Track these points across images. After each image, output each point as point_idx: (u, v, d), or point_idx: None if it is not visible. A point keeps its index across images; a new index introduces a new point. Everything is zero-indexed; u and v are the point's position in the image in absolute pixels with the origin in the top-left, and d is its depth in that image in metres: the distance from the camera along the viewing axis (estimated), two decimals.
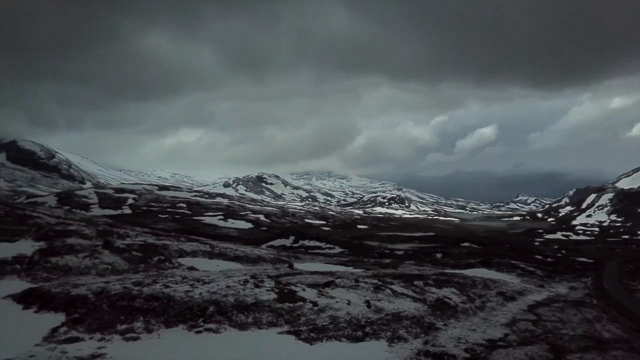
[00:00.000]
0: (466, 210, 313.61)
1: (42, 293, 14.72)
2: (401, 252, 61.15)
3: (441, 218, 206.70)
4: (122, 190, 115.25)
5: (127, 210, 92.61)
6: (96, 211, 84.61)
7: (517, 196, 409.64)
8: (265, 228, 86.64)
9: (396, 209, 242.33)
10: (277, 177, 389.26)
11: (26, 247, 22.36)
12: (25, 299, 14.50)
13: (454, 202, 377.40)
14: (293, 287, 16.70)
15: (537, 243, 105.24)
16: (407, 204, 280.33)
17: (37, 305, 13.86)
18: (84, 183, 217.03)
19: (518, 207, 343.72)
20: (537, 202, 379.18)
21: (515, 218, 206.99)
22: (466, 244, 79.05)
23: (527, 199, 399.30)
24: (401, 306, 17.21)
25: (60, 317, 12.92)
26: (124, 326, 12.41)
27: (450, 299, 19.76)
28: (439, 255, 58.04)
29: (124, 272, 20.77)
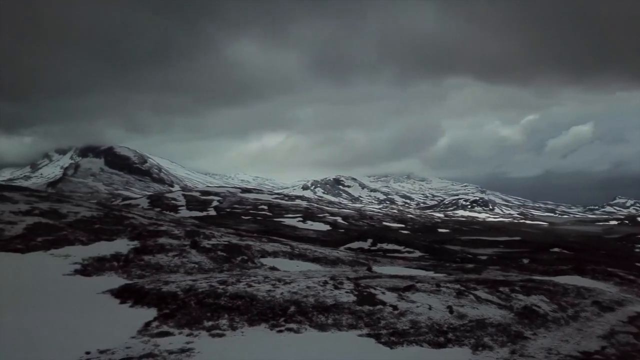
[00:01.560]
0: (555, 213, 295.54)
1: (136, 289, 15.73)
2: (485, 257, 58.73)
3: (528, 222, 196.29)
4: (208, 193, 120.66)
5: (212, 212, 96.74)
6: (184, 213, 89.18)
7: (614, 199, 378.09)
8: (342, 230, 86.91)
9: (479, 212, 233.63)
10: (354, 179, 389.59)
11: (122, 245, 24.06)
12: (121, 294, 15.59)
13: (542, 205, 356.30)
14: (372, 290, 16.56)
15: (637, 250, 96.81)
16: (490, 207, 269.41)
17: (132, 300, 14.85)
18: (173, 186, 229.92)
19: (615, 211, 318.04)
20: (638, 205, 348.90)
21: (612, 222, 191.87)
22: (556, 249, 74.27)
23: (626, 201, 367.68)
24: (485, 313, 16.50)
25: (153, 312, 13.73)
26: (210, 323, 12.94)
27: (539, 307, 18.64)
28: (525, 261, 55.05)
29: (210, 271, 21.69)
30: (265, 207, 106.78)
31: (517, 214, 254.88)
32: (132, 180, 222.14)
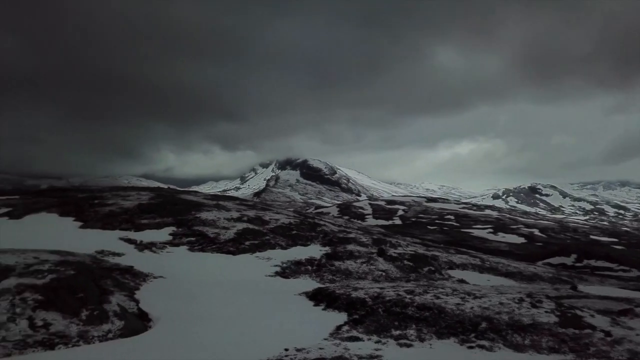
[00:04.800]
0: None
1: (328, 293, 16.58)
2: None
3: None
4: (393, 202, 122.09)
5: (397, 221, 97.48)
6: (370, 221, 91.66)
7: None
8: (540, 243, 79.43)
9: None
10: (553, 187, 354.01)
11: (315, 251, 25.70)
12: (315, 297, 16.59)
13: None
14: (578, 312, 14.68)
15: None
16: None
17: (325, 304, 15.68)
18: (360, 195, 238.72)
19: None
20: None
21: None
22: None
23: None
24: None
25: (343, 317, 14.29)
26: (397, 332, 12.93)
27: None
28: None
29: (396, 280, 21.80)
30: (452, 217, 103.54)
31: None
32: (324, 190, 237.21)
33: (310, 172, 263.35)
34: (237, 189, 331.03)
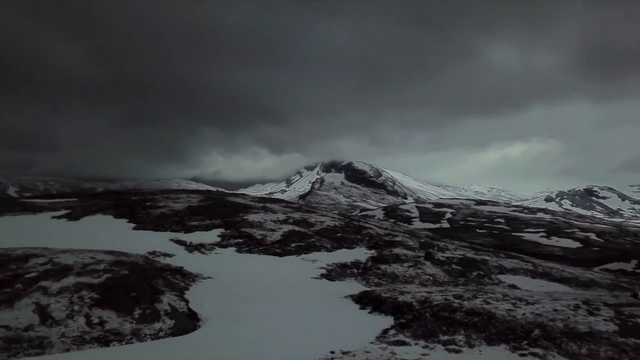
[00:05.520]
0: None
1: (374, 296, 16.45)
2: None
3: None
4: (441, 205, 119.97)
5: (445, 224, 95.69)
6: (417, 224, 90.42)
7: None
8: (597, 248, 75.97)
9: None
10: (611, 189, 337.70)
11: (361, 254, 25.58)
12: (361, 300, 16.50)
13: None
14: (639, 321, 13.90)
15: None
16: None
17: (371, 307, 15.57)
18: (406, 198, 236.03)
19: None
20: None
21: None
22: None
23: None
24: None
25: (389, 321, 14.13)
26: (445, 337, 12.66)
27: None
28: None
29: (444, 284, 21.37)
30: (502, 220, 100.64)
31: None
32: (369, 193, 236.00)
33: (355, 175, 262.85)
34: (283, 191, 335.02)
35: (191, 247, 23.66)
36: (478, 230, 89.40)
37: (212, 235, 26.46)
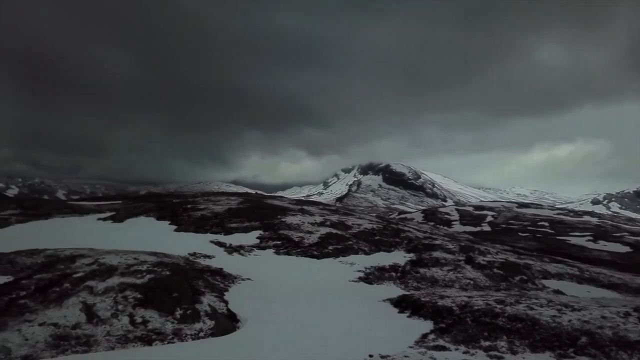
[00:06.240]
0: None
1: (413, 300, 16.23)
2: None
3: None
4: (481, 208, 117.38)
5: (486, 228, 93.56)
6: (457, 227, 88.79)
7: None
8: None
9: None
10: None
11: (399, 257, 25.31)
12: (399, 304, 16.31)
13: None
14: None
15: None
16: None
17: (410, 311, 15.36)
18: (446, 200, 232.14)
19: None
20: None
21: None
22: None
23: None
24: None
25: (429, 325, 13.89)
26: (487, 343, 12.34)
27: None
28: None
29: (485, 289, 20.87)
30: (546, 224, 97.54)
31: None
32: (407, 195, 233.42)
33: (392, 177, 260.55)
34: (320, 194, 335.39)
35: (230, 249, 24.01)
36: (520, 234, 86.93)
37: (251, 237, 26.79)
